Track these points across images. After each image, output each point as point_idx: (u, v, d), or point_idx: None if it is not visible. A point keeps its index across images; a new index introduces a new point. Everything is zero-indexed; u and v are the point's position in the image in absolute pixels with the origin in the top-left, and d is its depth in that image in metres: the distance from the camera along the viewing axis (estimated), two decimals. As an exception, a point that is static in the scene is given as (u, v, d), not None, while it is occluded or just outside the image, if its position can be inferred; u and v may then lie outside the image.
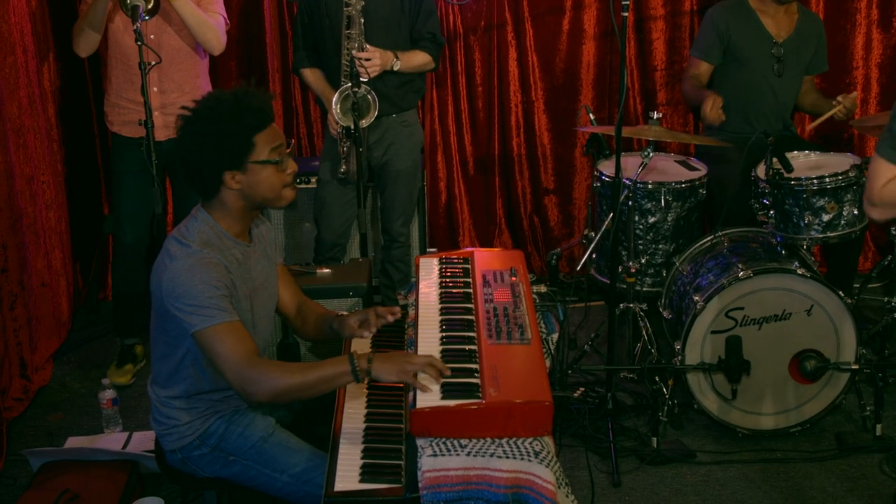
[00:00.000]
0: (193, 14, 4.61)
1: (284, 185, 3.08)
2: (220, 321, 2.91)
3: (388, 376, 2.87)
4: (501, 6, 5.68)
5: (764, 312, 4.31)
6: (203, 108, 3.00)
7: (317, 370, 2.92)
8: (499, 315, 3.13)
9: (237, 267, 3.06)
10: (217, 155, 2.97)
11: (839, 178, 4.38)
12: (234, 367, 2.89)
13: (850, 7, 5.68)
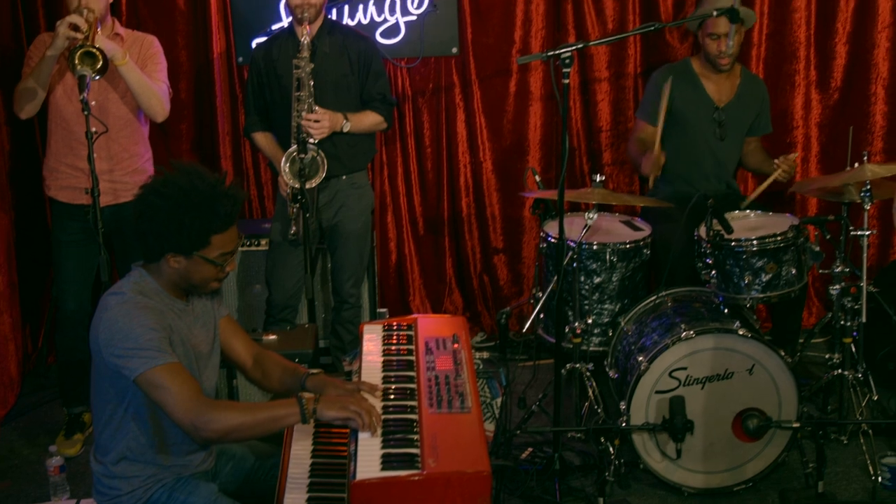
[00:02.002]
0: (139, 80, 4.63)
1: (216, 279, 3.14)
2: (162, 362, 2.93)
3: (331, 412, 2.94)
4: (449, 69, 5.77)
5: (706, 372, 4.37)
6: (174, 188, 3.02)
7: (266, 410, 2.98)
8: (440, 383, 3.16)
9: (174, 318, 3.10)
10: (170, 238, 3.02)
11: (778, 239, 4.48)
12: (183, 406, 2.91)
13: (790, 69, 5.80)
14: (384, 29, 5.59)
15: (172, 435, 3.11)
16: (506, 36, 5.72)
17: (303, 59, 4.66)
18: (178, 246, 3.03)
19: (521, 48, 5.71)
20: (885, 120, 5.86)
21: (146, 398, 3.00)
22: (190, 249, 3.04)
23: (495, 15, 5.71)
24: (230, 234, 3.10)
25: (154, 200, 3.04)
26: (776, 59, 5.81)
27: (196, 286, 3.16)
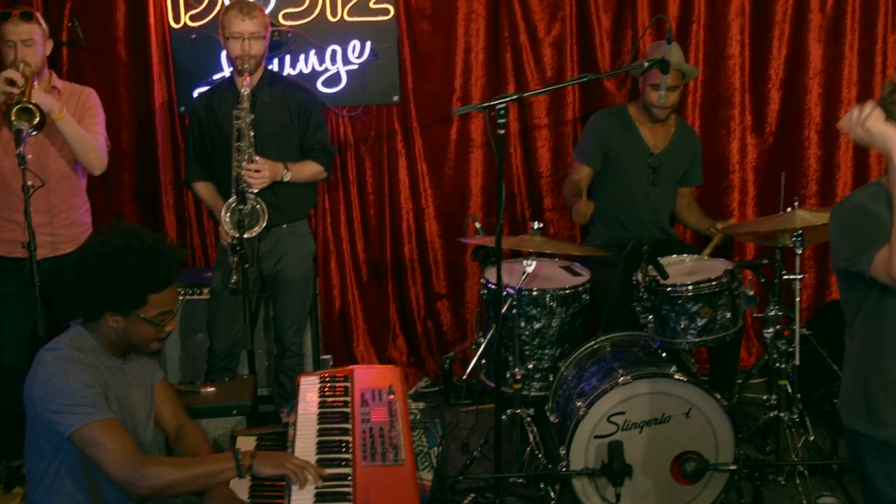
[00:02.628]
0: (76, 134, 4.61)
1: (156, 339, 3.16)
2: (97, 419, 2.94)
3: (267, 469, 2.96)
4: (391, 117, 5.83)
5: (644, 416, 4.42)
6: (111, 248, 3.04)
7: (201, 465, 2.99)
8: (374, 436, 3.18)
9: (111, 376, 3.10)
10: (108, 298, 3.03)
11: (713, 284, 4.55)
12: (118, 463, 2.91)
13: (725, 114, 5.92)
14: (326, 78, 5.64)
15: (107, 491, 3.11)
16: (446, 84, 5.80)
17: (243, 109, 4.69)
18: (116, 306, 3.05)
19: (462, 96, 5.78)
20: (818, 164, 5.99)
21: (81, 454, 3.00)
22: (127, 309, 3.06)
23: (435, 64, 5.78)
24: (168, 293, 3.11)
25: (91, 260, 3.05)
26: (712, 105, 5.93)
27: (135, 346, 3.17)
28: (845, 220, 3.11)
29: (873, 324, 3.14)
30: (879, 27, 5.83)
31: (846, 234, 3.09)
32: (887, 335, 3.11)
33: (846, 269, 3.12)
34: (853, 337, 3.26)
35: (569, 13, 5.74)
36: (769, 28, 5.83)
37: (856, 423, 3.24)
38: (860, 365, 3.23)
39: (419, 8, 5.70)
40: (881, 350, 3.14)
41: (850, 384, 3.27)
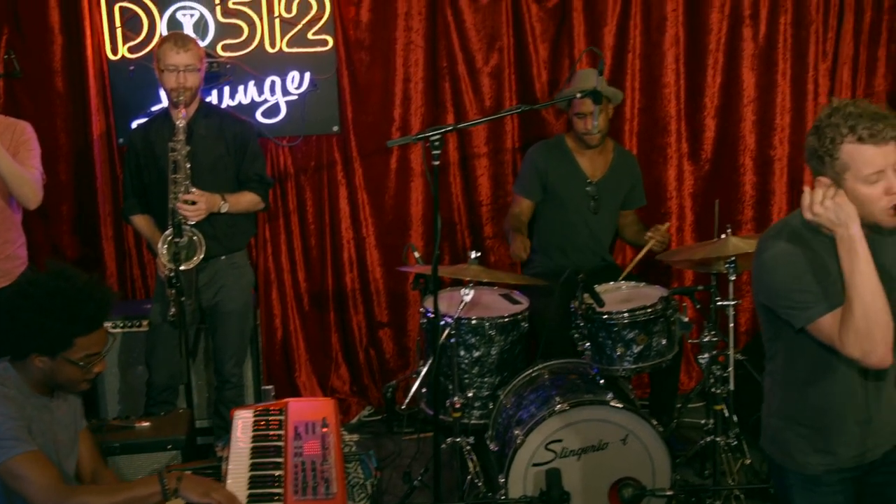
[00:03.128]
0: (10, 168, 4.55)
1: (84, 380, 3.15)
2: (21, 451, 2.93)
3: (193, 494, 2.98)
4: (330, 146, 5.84)
5: (582, 443, 4.46)
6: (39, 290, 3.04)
7: (127, 490, 3.00)
8: (306, 469, 3.19)
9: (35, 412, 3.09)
10: (33, 339, 3.03)
11: (648, 311, 4.61)
12: (44, 494, 2.91)
13: (662, 142, 6.01)
14: (265, 108, 5.65)
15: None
16: (385, 114, 5.83)
17: (178, 141, 4.69)
18: (42, 347, 3.04)
19: (401, 126, 5.82)
20: (754, 190, 6.08)
21: (5, 488, 2.98)
22: (53, 351, 3.05)
23: (375, 94, 5.82)
24: (96, 336, 3.11)
25: (19, 301, 3.05)
26: (649, 133, 6.02)
27: (62, 386, 3.16)
28: (777, 265, 2.99)
29: (793, 359, 3.13)
30: (810, 56, 5.95)
31: (779, 280, 2.99)
32: (807, 371, 3.10)
33: (772, 309, 3.08)
34: (773, 370, 3.25)
35: (506, 43, 5.80)
36: (703, 57, 5.93)
37: (780, 458, 3.26)
38: (781, 400, 3.22)
39: (358, 39, 5.73)
40: (802, 385, 3.13)
41: (773, 419, 3.27)
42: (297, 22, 5.59)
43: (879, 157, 2.78)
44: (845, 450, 3.13)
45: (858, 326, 2.83)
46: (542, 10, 5.80)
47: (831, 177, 2.86)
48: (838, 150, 2.81)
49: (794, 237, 2.98)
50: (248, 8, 5.55)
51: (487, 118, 5.36)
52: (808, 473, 3.17)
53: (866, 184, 2.80)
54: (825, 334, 2.93)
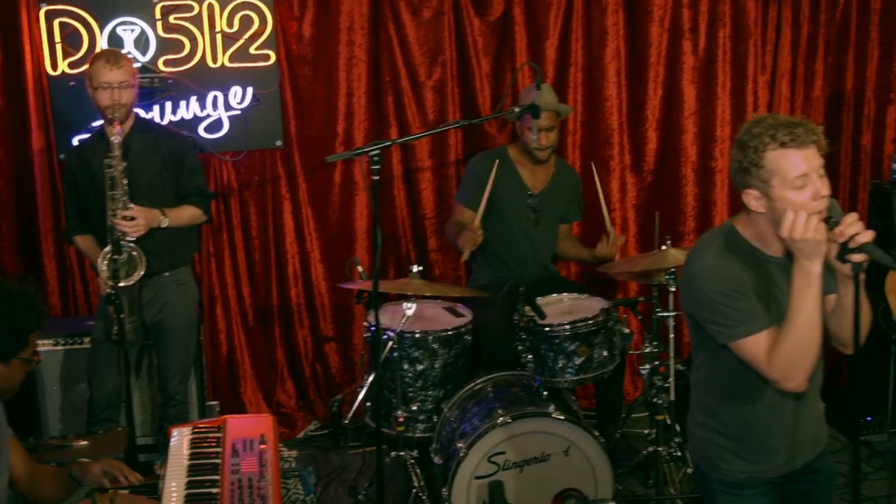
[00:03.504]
0: None
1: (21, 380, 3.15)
2: None
3: None
4: (274, 161, 5.84)
5: (524, 455, 4.48)
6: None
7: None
8: (243, 486, 3.18)
9: None
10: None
11: (589, 323, 4.64)
12: None
13: (605, 154, 6.05)
14: (208, 124, 5.63)
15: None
16: (329, 128, 5.83)
17: (114, 157, 4.67)
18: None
19: (345, 140, 5.82)
20: (696, 201, 6.15)
21: None
22: (11, 352, 3.04)
23: (318, 108, 5.82)
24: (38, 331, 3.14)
25: None
26: (592, 145, 6.06)
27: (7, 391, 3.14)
28: (706, 279, 2.99)
29: (717, 369, 3.15)
30: (750, 69, 6.03)
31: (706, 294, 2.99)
32: (731, 383, 3.13)
33: (697, 320, 3.11)
34: (698, 380, 3.29)
35: (449, 57, 5.83)
36: (644, 70, 5.99)
37: (704, 465, 3.30)
38: (705, 410, 3.26)
39: (300, 54, 5.73)
40: (725, 396, 3.16)
41: (697, 428, 3.30)
42: (239, 37, 5.58)
43: (802, 160, 2.82)
44: (767, 461, 3.18)
45: (790, 353, 2.89)
46: (485, 24, 5.84)
47: (758, 187, 2.89)
48: (762, 159, 2.85)
49: (725, 251, 3.01)
50: (190, 23, 5.53)
51: (425, 133, 5.34)
52: (730, 480, 3.21)
53: (794, 189, 2.83)
54: (747, 354, 2.97)
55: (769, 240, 3.00)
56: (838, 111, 6.17)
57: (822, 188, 2.85)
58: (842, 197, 6.24)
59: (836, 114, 6.17)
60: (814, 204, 2.83)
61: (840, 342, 3.17)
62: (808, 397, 3.17)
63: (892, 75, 6.16)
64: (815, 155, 2.85)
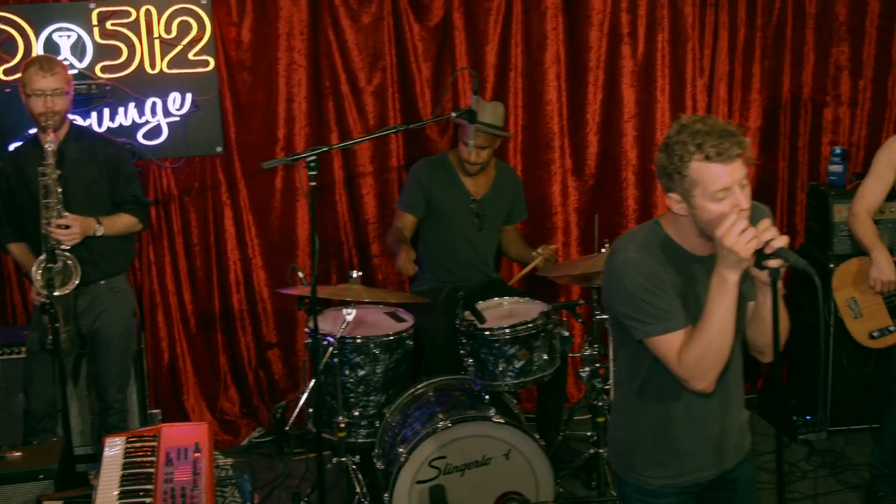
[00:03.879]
0: None
1: None
2: None
3: None
4: (214, 167, 5.81)
5: (465, 459, 4.50)
6: None
7: None
8: (176, 496, 3.16)
9: None
10: None
11: (529, 327, 4.67)
12: None
13: (546, 158, 6.08)
14: (146, 130, 5.58)
15: None
16: (269, 134, 5.81)
17: (48, 166, 4.62)
18: None
19: (286, 146, 5.80)
20: (636, 204, 6.20)
21: None
22: None
23: (258, 114, 5.80)
24: None
25: None
26: (533, 149, 6.09)
27: None
28: (626, 274, 2.99)
29: (637, 369, 3.14)
30: (688, 72, 6.09)
31: (625, 288, 2.99)
32: (650, 383, 3.11)
33: (616, 315, 3.10)
34: (619, 380, 3.29)
35: (389, 62, 5.83)
36: (584, 74, 6.02)
37: (620, 468, 3.30)
38: (625, 411, 3.26)
39: (239, 59, 5.71)
40: (645, 398, 3.15)
41: (617, 430, 3.31)
42: (178, 43, 5.54)
43: (726, 174, 2.81)
44: (684, 467, 3.17)
45: (700, 355, 2.91)
46: (424, 29, 5.84)
47: (680, 193, 2.90)
48: (686, 168, 2.84)
49: (648, 246, 3.01)
50: (127, 29, 5.49)
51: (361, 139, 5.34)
52: (645, 487, 3.21)
53: (714, 201, 2.83)
54: (660, 351, 2.98)
55: (692, 239, 3.00)
56: (776, 114, 6.24)
57: (742, 201, 2.83)
58: (780, 199, 6.31)
59: (773, 117, 6.24)
60: (733, 216, 2.81)
61: (757, 349, 3.18)
62: (731, 405, 3.18)
63: (827, 78, 6.24)
64: (740, 167, 2.83)
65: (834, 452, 5.67)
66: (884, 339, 4.87)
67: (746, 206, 2.84)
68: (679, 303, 2.98)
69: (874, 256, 4.76)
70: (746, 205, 2.84)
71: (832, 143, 6.23)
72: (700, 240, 2.98)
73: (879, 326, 4.86)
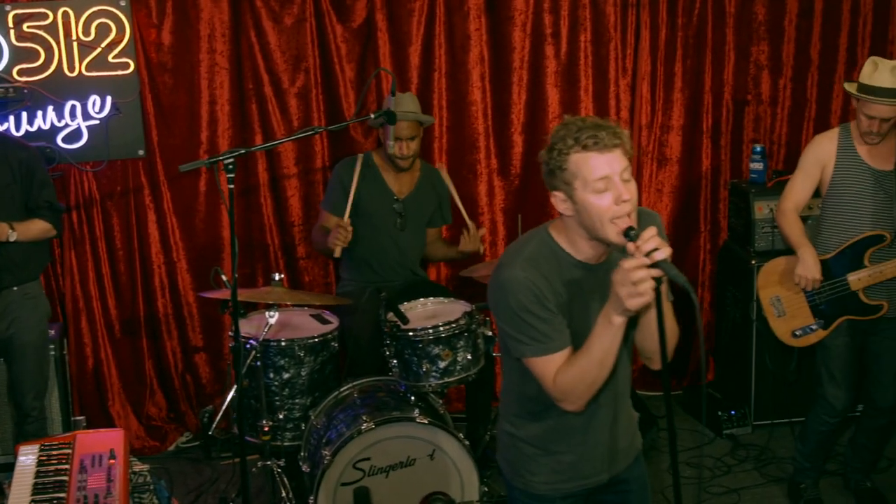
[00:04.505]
0: None
1: None
2: None
3: None
4: (136, 171, 5.75)
5: (390, 461, 4.49)
6: None
7: None
8: (89, 503, 3.13)
9: None
10: None
11: (452, 327, 4.66)
12: None
13: (472, 158, 6.10)
14: (66, 134, 5.52)
15: None
16: (192, 137, 5.78)
17: (-41, 171, 4.57)
18: None
19: (209, 148, 5.77)
20: (562, 203, 6.22)
21: None
22: None
23: (180, 117, 5.75)
24: None
25: None
26: (458, 150, 6.11)
27: None
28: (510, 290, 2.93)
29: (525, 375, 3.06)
30: (611, 72, 6.14)
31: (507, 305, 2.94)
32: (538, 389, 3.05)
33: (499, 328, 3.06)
34: (507, 384, 3.25)
35: (312, 64, 5.81)
36: (508, 75, 6.05)
37: (507, 472, 3.28)
38: (513, 415, 3.22)
39: (160, 62, 5.66)
40: (532, 402, 3.12)
41: (504, 434, 3.27)
42: (97, 45, 5.49)
43: (604, 163, 2.80)
44: (572, 472, 3.17)
45: (574, 381, 2.89)
46: (347, 30, 5.83)
47: (564, 190, 2.89)
48: (566, 161, 2.84)
49: (535, 261, 2.96)
50: (45, 31, 5.43)
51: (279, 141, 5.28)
52: (532, 492, 3.20)
53: (595, 193, 2.80)
54: (536, 371, 2.95)
55: (581, 244, 2.96)
56: (698, 112, 6.31)
57: (624, 192, 2.81)
58: (704, 197, 6.39)
59: (695, 115, 6.31)
60: (616, 208, 2.80)
61: (644, 354, 3.17)
62: (620, 410, 3.19)
63: (748, 77, 6.33)
64: (619, 158, 2.82)
65: (758, 447, 5.75)
66: (806, 337, 4.94)
67: (628, 198, 2.81)
68: (563, 322, 2.94)
69: (800, 254, 4.83)
70: (628, 197, 2.81)
71: (753, 142, 6.32)
72: (590, 244, 2.94)
73: (802, 325, 4.93)
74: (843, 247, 4.76)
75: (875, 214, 4.70)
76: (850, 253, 4.76)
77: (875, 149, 4.71)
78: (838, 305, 4.83)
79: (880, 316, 4.79)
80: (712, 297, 6.46)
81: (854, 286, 4.77)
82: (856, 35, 6.29)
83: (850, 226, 4.75)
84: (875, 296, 4.78)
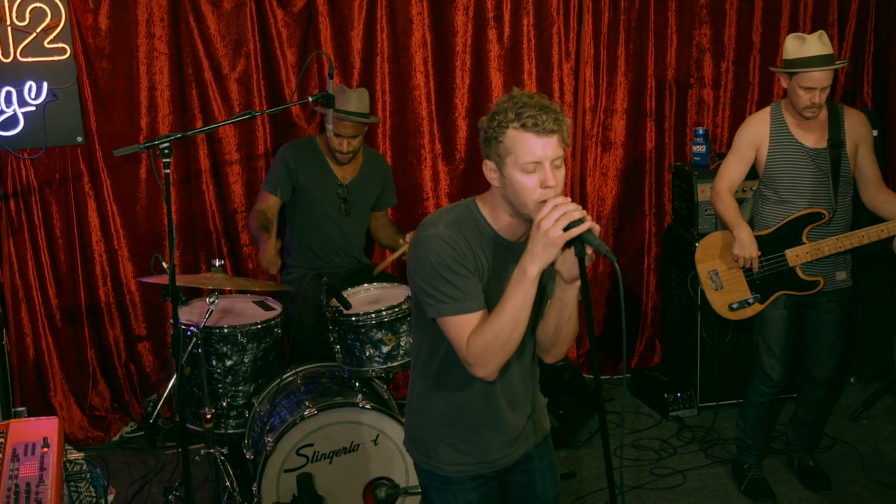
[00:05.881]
0: None
1: None
2: None
3: None
4: (75, 158, 5.66)
5: (333, 446, 4.48)
6: None
7: None
8: (20, 492, 3.08)
9: None
10: None
11: (395, 311, 4.65)
12: None
13: (415, 143, 6.08)
14: (2, 121, 5.42)
15: None
16: (131, 123, 5.70)
17: None
18: None
19: (149, 135, 5.68)
20: (507, 187, 6.22)
21: None
22: None
23: (119, 103, 5.67)
24: None
25: None
26: (402, 135, 6.08)
27: None
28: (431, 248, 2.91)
29: (435, 351, 3.09)
30: (554, 56, 6.14)
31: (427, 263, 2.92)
32: (447, 366, 3.07)
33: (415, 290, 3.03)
34: (416, 363, 3.22)
35: (253, 49, 5.75)
36: (451, 59, 6.03)
37: (416, 456, 3.26)
38: (420, 395, 3.20)
39: (98, 47, 5.57)
40: (441, 381, 3.12)
41: (412, 416, 3.25)
42: (32, 30, 5.38)
43: (539, 147, 2.80)
44: (480, 452, 3.15)
45: (487, 342, 2.86)
46: (288, 15, 5.78)
47: (495, 160, 2.90)
48: (503, 135, 2.84)
49: (458, 224, 2.96)
50: (-22, 16, 5.34)
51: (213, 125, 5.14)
52: (440, 474, 3.18)
53: (524, 172, 2.81)
54: (450, 332, 2.92)
55: (504, 219, 2.96)
56: (641, 96, 6.33)
57: (550, 178, 2.81)
58: (648, 180, 6.43)
59: (639, 98, 6.33)
60: (540, 191, 2.81)
61: (541, 346, 3.17)
62: (526, 391, 3.19)
63: (691, 61, 6.36)
64: (554, 145, 2.82)
65: (704, 428, 5.80)
66: (742, 310, 4.98)
67: (553, 184, 2.82)
68: (479, 286, 2.93)
69: (736, 234, 4.86)
70: (553, 184, 2.82)
71: (696, 125, 6.35)
72: (512, 221, 2.95)
73: (739, 298, 4.97)
74: (782, 223, 4.80)
75: (813, 192, 4.74)
76: (788, 229, 4.80)
77: (808, 126, 4.74)
78: (775, 280, 4.87)
79: (817, 291, 4.84)
80: (658, 280, 6.50)
81: (792, 262, 4.81)
82: (797, 18, 6.34)
83: (789, 204, 4.79)
84: (811, 272, 4.82)
